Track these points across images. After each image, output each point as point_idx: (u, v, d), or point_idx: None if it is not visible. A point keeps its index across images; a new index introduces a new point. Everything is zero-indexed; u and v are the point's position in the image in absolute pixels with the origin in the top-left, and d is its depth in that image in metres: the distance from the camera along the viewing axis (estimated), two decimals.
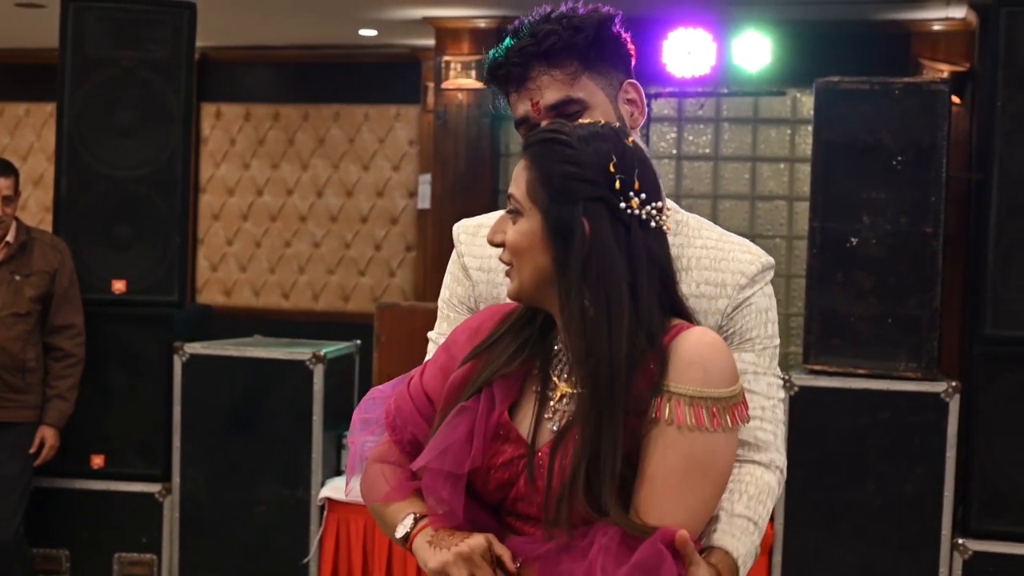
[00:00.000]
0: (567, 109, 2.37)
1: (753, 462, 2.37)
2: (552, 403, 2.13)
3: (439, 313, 2.73)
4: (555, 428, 2.10)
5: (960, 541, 5.15)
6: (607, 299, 2.07)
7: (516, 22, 2.44)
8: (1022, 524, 5.13)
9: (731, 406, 2.05)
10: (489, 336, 2.21)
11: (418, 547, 2.13)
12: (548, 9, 2.42)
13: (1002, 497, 5.16)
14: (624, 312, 2.06)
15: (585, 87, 2.39)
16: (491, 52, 2.46)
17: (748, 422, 2.11)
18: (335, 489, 5.56)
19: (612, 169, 2.08)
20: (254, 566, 5.71)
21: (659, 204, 2.11)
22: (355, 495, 2.32)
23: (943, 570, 5.13)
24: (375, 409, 2.32)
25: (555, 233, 2.09)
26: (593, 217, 2.08)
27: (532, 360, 2.17)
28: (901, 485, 5.14)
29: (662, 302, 2.11)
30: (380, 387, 2.36)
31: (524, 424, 2.13)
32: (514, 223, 2.14)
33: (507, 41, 2.44)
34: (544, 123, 2.33)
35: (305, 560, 5.58)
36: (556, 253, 2.09)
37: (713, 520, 2.21)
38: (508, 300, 2.32)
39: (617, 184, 2.08)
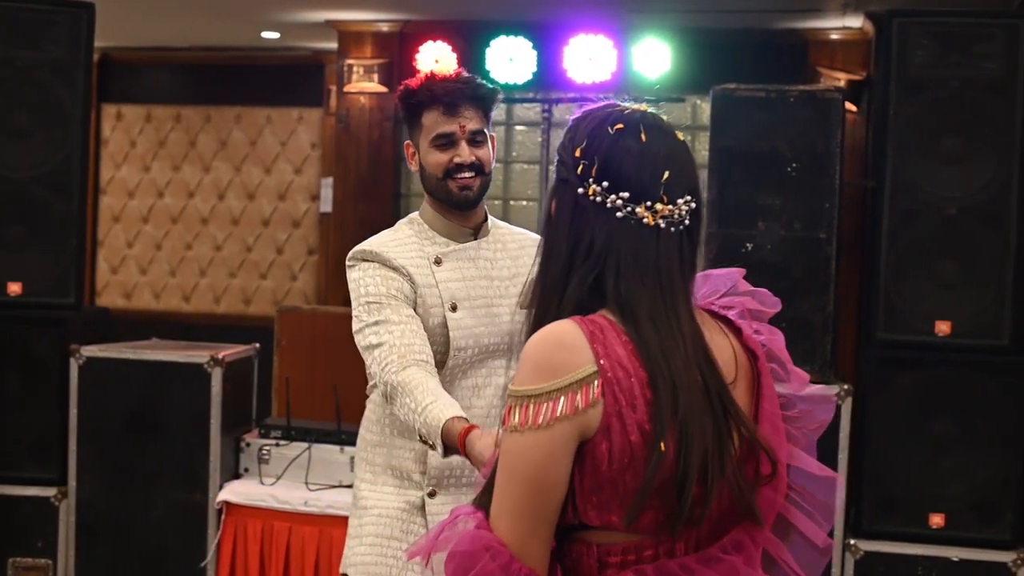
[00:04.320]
0: (481, 136, 3.45)
1: None
2: None
3: (369, 307, 3.32)
4: None
5: (852, 542, 5.23)
6: (540, 281, 2.12)
7: (437, 77, 3.48)
8: (912, 525, 5.22)
9: (524, 404, 2.00)
10: None
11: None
12: (469, 74, 3.53)
13: (893, 498, 5.25)
14: (547, 296, 2.10)
15: (485, 126, 3.48)
16: (426, 78, 3.46)
17: (546, 425, 1.99)
18: (233, 492, 5.53)
19: (578, 154, 2.11)
20: (151, 570, 5.67)
21: (624, 194, 2.07)
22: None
23: (835, 570, 5.20)
24: None
25: (544, 209, 2.19)
26: (560, 198, 2.13)
27: None
28: None
29: (584, 291, 2.09)
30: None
31: None
32: None
33: (435, 77, 3.47)
34: (464, 143, 3.39)
35: (203, 564, 5.55)
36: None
37: None
38: (433, 293, 3.36)
39: (579, 169, 2.10)
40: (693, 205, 2.12)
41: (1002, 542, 5.19)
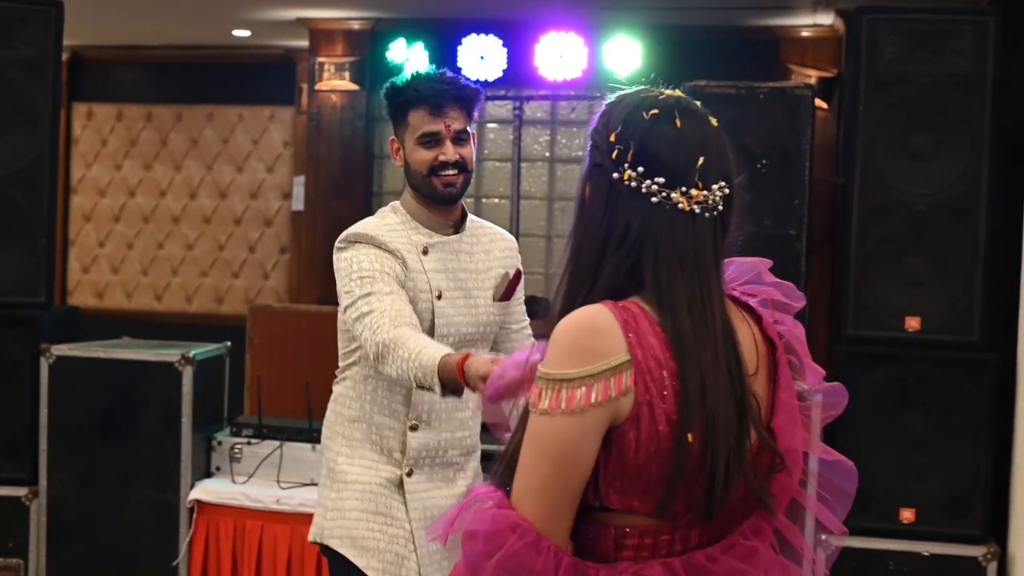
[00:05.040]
0: (464, 135, 3.57)
1: None
2: None
3: (361, 281, 3.40)
4: None
5: (824, 537, 5.22)
6: (571, 264, 2.12)
7: (423, 76, 3.59)
8: (883, 520, 5.23)
9: (556, 388, 2.01)
10: None
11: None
12: (453, 74, 3.65)
13: (863, 493, 5.19)
14: (578, 281, 2.10)
15: (468, 125, 3.60)
16: (412, 77, 3.57)
17: (578, 410, 2.00)
18: (204, 491, 5.52)
19: (613, 139, 2.11)
20: (123, 569, 5.65)
21: (660, 179, 2.07)
22: None
23: (807, 565, 5.21)
24: None
25: (578, 193, 2.18)
26: (594, 181, 2.13)
27: None
28: None
29: (619, 276, 2.09)
30: None
31: None
32: None
33: (422, 76, 3.58)
34: (449, 142, 3.53)
35: (175, 563, 5.54)
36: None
37: None
38: (422, 280, 3.49)
39: (614, 154, 2.10)
40: (727, 191, 2.13)
41: (973, 537, 5.21)
